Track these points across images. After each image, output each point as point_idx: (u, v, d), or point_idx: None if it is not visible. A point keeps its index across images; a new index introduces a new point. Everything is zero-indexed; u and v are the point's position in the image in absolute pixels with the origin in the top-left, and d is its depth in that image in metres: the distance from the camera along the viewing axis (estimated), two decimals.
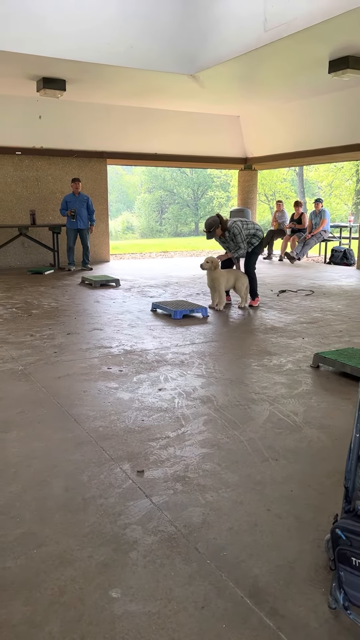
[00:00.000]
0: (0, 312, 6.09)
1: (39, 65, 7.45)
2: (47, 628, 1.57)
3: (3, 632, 1.55)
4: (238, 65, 7.25)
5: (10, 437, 2.85)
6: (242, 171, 13.28)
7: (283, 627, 1.57)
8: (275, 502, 2.24)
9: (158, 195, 40.46)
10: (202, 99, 9.91)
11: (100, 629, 1.57)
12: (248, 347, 4.68)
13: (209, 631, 1.56)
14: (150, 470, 2.49)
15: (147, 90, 9.11)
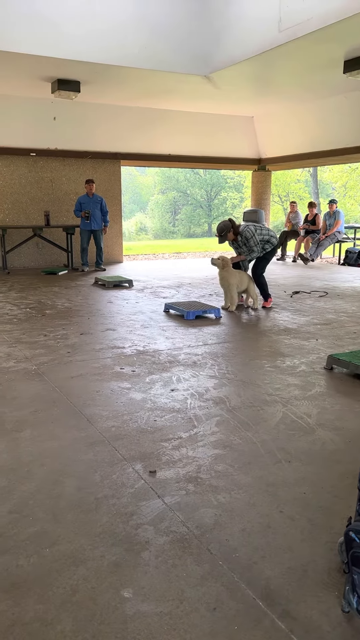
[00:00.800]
0: (15, 312, 6.13)
1: (54, 67, 7.49)
2: (59, 627, 1.57)
3: (16, 629, 1.56)
4: (252, 65, 7.23)
5: (24, 436, 2.87)
6: (255, 172, 13.25)
7: (295, 630, 1.56)
8: (288, 504, 2.23)
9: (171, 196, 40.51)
10: (216, 100, 9.90)
11: (112, 629, 1.57)
12: (261, 349, 4.66)
13: (221, 633, 1.55)
14: (163, 471, 2.49)
15: (161, 91, 9.13)
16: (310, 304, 6.77)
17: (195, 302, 6.40)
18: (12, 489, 2.33)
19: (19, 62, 7.19)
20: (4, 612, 1.63)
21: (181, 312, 5.93)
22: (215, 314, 5.96)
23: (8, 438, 2.84)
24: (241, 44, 6.86)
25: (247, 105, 10.78)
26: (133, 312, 6.24)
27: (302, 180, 32.80)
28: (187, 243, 26.10)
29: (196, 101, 10.03)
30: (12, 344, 4.73)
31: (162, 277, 9.37)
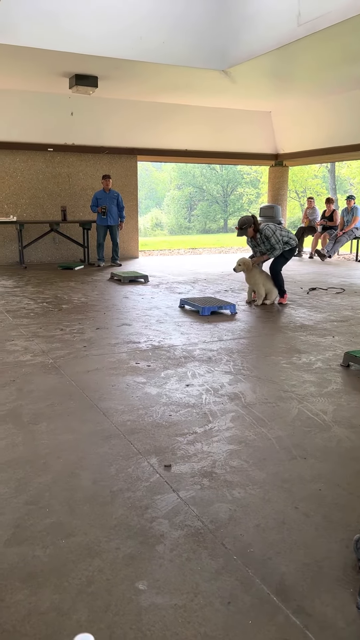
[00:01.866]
0: (32, 307, 6.18)
1: (72, 63, 7.52)
2: (75, 616, 1.59)
3: (32, 618, 1.58)
4: (270, 60, 7.19)
5: (41, 429, 2.90)
6: (272, 167, 13.18)
7: (310, 626, 1.56)
8: (303, 500, 2.22)
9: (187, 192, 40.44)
10: (234, 95, 9.86)
11: (127, 620, 1.58)
12: (277, 345, 4.65)
13: (235, 627, 1.56)
14: (178, 465, 2.50)
15: (178, 86, 9.11)
16: (327, 300, 6.73)
17: (210, 298, 6.39)
18: (29, 481, 2.36)
19: (37, 58, 7.22)
20: (20, 602, 1.65)
21: (196, 308, 5.93)
22: (231, 310, 5.95)
23: (25, 430, 2.87)
24: (259, 38, 6.82)
25: (265, 100, 10.71)
26: (148, 307, 6.25)
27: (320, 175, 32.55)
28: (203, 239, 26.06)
29: (213, 96, 9.99)
30: (29, 338, 4.78)
31: (177, 273, 9.37)
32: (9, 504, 2.18)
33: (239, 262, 6.28)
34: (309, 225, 12.27)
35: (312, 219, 12.28)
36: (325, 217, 11.95)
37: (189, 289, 7.54)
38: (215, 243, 20.78)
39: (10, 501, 2.20)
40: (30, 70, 8.03)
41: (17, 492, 2.27)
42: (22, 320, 5.50)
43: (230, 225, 39.35)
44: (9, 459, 2.56)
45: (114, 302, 6.53)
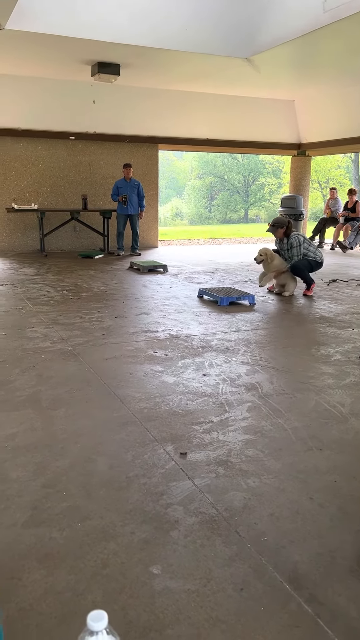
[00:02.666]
0: (52, 294, 6.24)
1: (95, 50, 7.51)
2: (90, 597, 1.63)
3: (48, 597, 1.62)
4: (295, 48, 7.10)
5: (59, 414, 2.94)
6: (295, 157, 13.04)
7: (322, 614, 1.57)
8: (318, 491, 2.23)
9: (208, 182, 40.24)
10: (257, 83, 9.76)
11: (141, 602, 1.61)
12: (295, 336, 4.63)
13: (247, 612, 1.58)
14: (193, 453, 2.52)
15: (200, 74, 9.05)
16: (348, 292, 6.67)
17: (229, 289, 6.38)
18: (47, 465, 2.40)
19: (60, 46, 7.23)
20: (37, 581, 1.69)
21: (215, 298, 5.93)
22: (250, 300, 5.94)
23: (44, 415, 2.92)
24: (284, 25, 6.73)
25: (288, 89, 10.59)
26: (167, 297, 6.26)
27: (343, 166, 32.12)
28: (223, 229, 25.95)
29: (236, 84, 9.91)
30: (48, 325, 4.83)
31: (196, 263, 9.36)
32: (27, 487, 2.22)
33: (260, 252, 6.26)
34: (331, 217, 12.14)
35: (334, 210, 12.15)
36: (348, 209, 11.80)
37: (207, 279, 7.54)
38: (235, 233, 20.69)
39: (29, 484, 2.24)
40: (53, 57, 8.05)
41: (35, 476, 2.31)
42: (42, 307, 5.56)
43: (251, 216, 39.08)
44: (27, 443, 2.61)
45: (132, 291, 6.55)
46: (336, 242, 11.67)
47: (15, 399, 3.14)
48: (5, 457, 2.47)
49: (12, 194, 10.17)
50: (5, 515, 2.03)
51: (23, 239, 10.44)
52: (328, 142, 11.75)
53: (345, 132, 11.09)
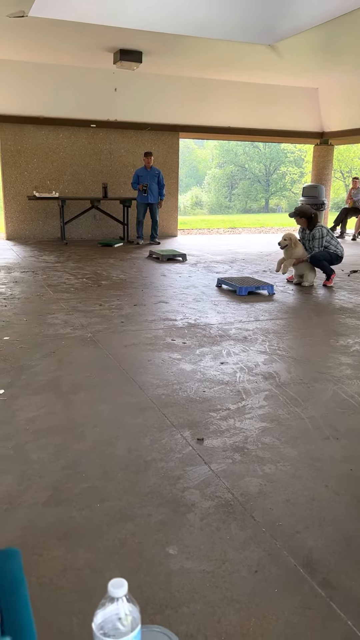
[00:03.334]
0: (72, 282, 6.30)
1: (117, 37, 7.50)
2: (108, 574, 1.68)
3: (68, 573, 1.68)
4: (319, 34, 7.01)
5: (79, 398, 3.00)
6: (317, 146, 12.89)
7: (335, 598, 1.60)
8: (333, 479, 2.25)
9: (229, 170, 39.99)
10: (280, 71, 9.66)
11: (157, 581, 1.66)
12: (314, 327, 4.63)
13: (261, 593, 1.61)
14: (210, 439, 2.56)
15: (222, 62, 8.98)
16: None
17: (248, 278, 6.38)
18: (67, 447, 2.46)
19: (82, 33, 7.24)
20: (57, 557, 1.75)
21: (234, 288, 5.94)
22: (269, 290, 5.93)
23: (64, 400, 2.98)
24: (308, 11, 6.64)
25: (312, 76, 10.46)
26: (185, 285, 6.29)
27: None
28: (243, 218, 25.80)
29: (258, 72, 9.82)
30: (69, 312, 4.89)
31: (215, 252, 9.35)
32: (47, 468, 2.28)
33: (285, 237, 6.24)
34: (353, 207, 12.01)
35: (357, 200, 12.00)
36: None
37: (226, 269, 7.54)
38: (255, 223, 20.56)
39: (49, 466, 2.30)
40: (75, 45, 8.06)
41: (55, 458, 2.37)
42: (63, 294, 5.62)
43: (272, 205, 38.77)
44: (48, 426, 2.67)
45: (151, 280, 6.59)
46: (358, 233, 11.55)
47: (36, 384, 3.21)
48: (26, 439, 2.53)
49: (34, 182, 10.26)
50: (27, 495, 2.09)
51: (44, 226, 10.53)
52: (351, 130, 11.58)
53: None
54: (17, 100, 9.70)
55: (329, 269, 6.35)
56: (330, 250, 6.28)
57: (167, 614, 1.53)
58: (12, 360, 3.59)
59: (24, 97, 9.70)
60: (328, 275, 6.40)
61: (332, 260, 6.33)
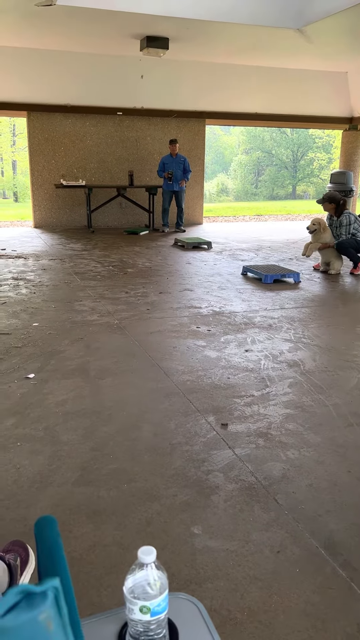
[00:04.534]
0: (99, 270, 6.39)
1: (144, 24, 7.49)
2: (135, 551, 1.74)
3: (96, 549, 1.76)
4: (349, 17, 6.88)
5: (106, 383, 3.08)
6: (346, 132, 12.68)
7: (355, 579, 1.64)
8: (356, 465, 2.28)
9: (255, 157, 39.59)
10: (309, 55, 9.52)
11: (182, 559, 1.72)
12: (340, 315, 4.62)
13: (283, 572, 1.67)
14: (234, 425, 2.61)
15: (250, 47, 8.90)
16: None
17: (274, 266, 6.37)
18: (95, 430, 2.53)
19: (109, 20, 7.25)
20: (86, 534, 1.83)
21: (259, 275, 5.94)
22: (295, 278, 5.92)
23: (92, 384, 3.06)
24: None
25: (341, 60, 10.28)
26: (211, 273, 6.31)
27: None
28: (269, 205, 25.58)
29: (286, 57, 9.69)
30: (96, 299, 4.98)
31: (241, 240, 9.34)
32: (76, 450, 2.36)
33: (314, 222, 6.22)
34: None
35: None
36: None
37: (252, 256, 7.53)
38: (281, 210, 20.38)
39: (78, 447, 2.38)
40: (101, 33, 8.08)
41: (84, 439, 2.45)
42: (90, 282, 5.71)
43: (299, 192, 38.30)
44: (77, 409, 2.75)
45: (176, 268, 6.63)
46: None
47: (65, 368, 3.29)
48: (56, 421, 2.62)
49: (61, 170, 10.35)
50: (57, 474, 2.17)
51: (71, 215, 10.64)
52: None
53: None
54: (44, 89, 9.78)
55: (356, 256, 6.30)
56: (358, 237, 6.22)
57: (192, 589, 1.59)
58: (42, 346, 3.69)
59: (51, 85, 9.78)
60: (355, 263, 6.35)
61: (359, 248, 6.28)
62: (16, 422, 2.61)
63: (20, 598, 0.50)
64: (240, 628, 1.47)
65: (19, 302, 4.85)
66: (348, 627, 1.48)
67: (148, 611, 0.84)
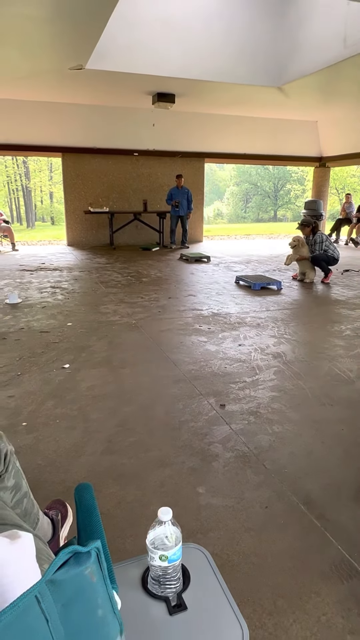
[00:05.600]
0: (119, 279, 6.38)
1: (155, 83, 7.47)
2: (152, 507, 1.75)
3: (122, 505, 1.76)
4: (319, 77, 6.83)
5: (126, 372, 3.07)
6: (316, 168, 12.62)
7: (328, 528, 1.64)
8: (328, 437, 2.27)
9: (244, 188, 39.48)
10: (286, 107, 9.46)
11: (190, 513, 1.72)
12: (314, 315, 4.60)
13: (270, 523, 1.66)
14: (230, 405, 2.60)
15: (240, 101, 8.85)
16: (358, 280, 6.51)
17: (261, 276, 6.35)
18: (118, 410, 2.53)
19: (128, 80, 7.23)
20: (114, 493, 1.83)
21: (249, 283, 5.92)
22: (277, 286, 5.90)
23: (115, 373, 3.06)
24: (310, 59, 6.49)
25: (312, 112, 10.22)
26: (210, 282, 6.30)
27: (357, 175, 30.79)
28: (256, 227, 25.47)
29: (269, 108, 9.64)
30: (117, 303, 4.97)
31: (234, 255, 9.31)
32: (103, 426, 2.36)
33: (294, 239, 6.22)
34: (346, 217, 11.76)
35: (349, 212, 11.75)
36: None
37: (243, 268, 7.50)
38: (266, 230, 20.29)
39: (105, 423, 2.38)
40: (121, 90, 8.06)
41: (109, 417, 2.45)
42: (112, 289, 5.70)
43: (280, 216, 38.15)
44: (103, 393, 2.75)
45: (182, 277, 6.62)
46: (350, 239, 11.32)
47: (93, 360, 3.29)
48: (87, 403, 2.62)
49: (89, 200, 10.35)
50: (88, 446, 2.18)
51: (97, 235, 10.63)
52: (345, 155, 11.30)
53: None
54: (76, 134, 9.77)
55: (326, 268, 6.27)
56: (329, 253, 6.20)
57: (198, 538, 1.59)
58: (75, 341, 3.69)
59: (81, 132, 9.77)
60: (326, 273, 6.32)
61: (329, 261, 6.25)
62: (55, 404, 2.61)
63: (69, 556, 0.50)
64: (237, 568, 1.47)
65: (56, 306, 4.86)
66: (323, 566, 1.48)
67: (166, 559, 0.84)
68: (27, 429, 2.32)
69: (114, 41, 6.40)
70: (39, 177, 32.53)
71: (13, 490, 1.20)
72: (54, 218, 33.75)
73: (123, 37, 6.42)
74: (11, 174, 31.68)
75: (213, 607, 0.88)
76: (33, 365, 3.16)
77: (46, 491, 1.83)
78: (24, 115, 9.34)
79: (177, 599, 0.86)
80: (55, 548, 1.40)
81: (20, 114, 9.31)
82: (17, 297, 5.06)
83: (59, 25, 5.04)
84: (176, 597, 0.86)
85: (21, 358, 3.30)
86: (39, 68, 6.70)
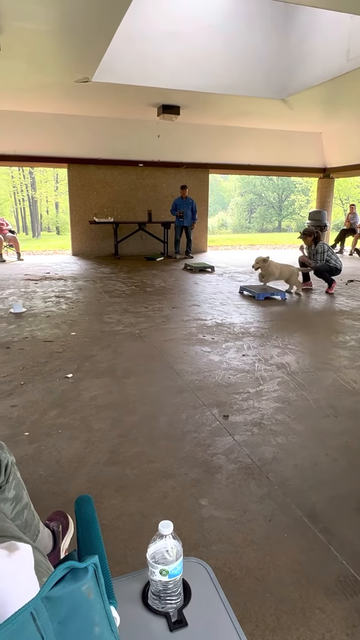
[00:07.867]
0: (123, 289, 6.40)
1: (160, 96, 7.56)
2: (154, 519, 1.73)
3: (123, 517, 1.74)
4: (323, 89, 6.90)
5: (130, 381, 3.06)
6: (321, 179, 12.67)
7: (332, 542, 1.61)
8: (332, 449, 2.24)
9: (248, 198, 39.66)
10: (290, 119, 9.53)
11: (192, 525, 1.70)
12: (318, 326, 4.58)
13: (274, 537, 1.64)
14: (234, 416, 2.58)
15: (244, 112, 8.93)
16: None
17: (265, 286, 6.34)
18: (121, 420, 2.52)
19: (134, 92, 7.32)
20: (115, 505, 1.81)
21: (253, 294, 5.92)
22: (281, 296, 5.89)
23: (118, 382, 3.05)
24: (314, 71, 6.55)
25: (317, 123, 10.29)
26: (214, 292, 6.30)
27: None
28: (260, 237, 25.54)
29: (273, 120, 9.72)
30: (121, 313, 4.97)
31: (238, 265, 9.32)
32: (106, 436, 2.35)
33: (257, 260, 6.24)
34: (350, 228, 11.77)
35: (353, 222, 11.76)
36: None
37: (247, 278, 7.50)
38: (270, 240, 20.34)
39: (107, 434, 2.37)
40: (127, 102, 8.15)
41: (112, 428, 2.43)
42: (116, 299, 5.71)
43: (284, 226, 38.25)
44: (107, 403, 2.74)
45: (186, 287, 6.62)
46: (354, 249, 11.32)
47: (96, 369, 3.29)
48: (90, 412, 2.61)
49: (94, 210, 10.42)
50: (91, 456, 2.16)
51: (101, 244, 10.68)
52: (349, 166, 11.35)
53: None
54: (81, 145, 9.88)
55: (330, 279, 6.26)
56: (331, 263, 6.19)
57: (200, 551, 1.57)
58: (78, 351, 3.69)
59: (87, 143, 9.87)
60: (330, 284, 6.31)
61: (332, 272, 6.24)
62: (58, 413, 2.60)
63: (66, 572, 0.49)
64: (239, 583, 1.45)
65: (60, 315, 4.86)
66: (327, 581, 1.45)
67: (166, 573, 0.83)
68: (29, 439, 2.31)
69: (120, 54, 6.49)
70: (45, 187, 32.85)
71: (13, 502, 1.19)
72: (59, 228, 33.99)
73: (129, 51, 6.51)
74: (17, 184, 32.02)
75: (214, 624, 0.86)
76: (36, 375, 3.16)
77: (47, 502, 1.81)
78: (31, 127, 9.45)
79: (178, 614, 0.85)
80: (56, 560, 1.39)
81: (27, 126, 9.43)
82: (22, 307, 5.07)
83: (66, 39, 5.12)
84: (177, 613, 0.85)
85: (24, 367, 3.30)
86: (46, 81, 6.80)
